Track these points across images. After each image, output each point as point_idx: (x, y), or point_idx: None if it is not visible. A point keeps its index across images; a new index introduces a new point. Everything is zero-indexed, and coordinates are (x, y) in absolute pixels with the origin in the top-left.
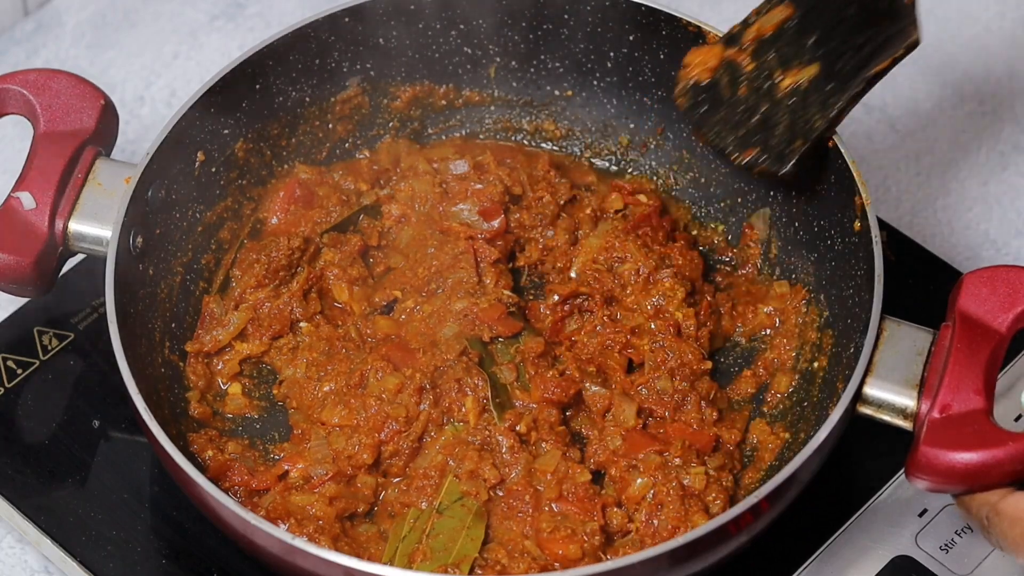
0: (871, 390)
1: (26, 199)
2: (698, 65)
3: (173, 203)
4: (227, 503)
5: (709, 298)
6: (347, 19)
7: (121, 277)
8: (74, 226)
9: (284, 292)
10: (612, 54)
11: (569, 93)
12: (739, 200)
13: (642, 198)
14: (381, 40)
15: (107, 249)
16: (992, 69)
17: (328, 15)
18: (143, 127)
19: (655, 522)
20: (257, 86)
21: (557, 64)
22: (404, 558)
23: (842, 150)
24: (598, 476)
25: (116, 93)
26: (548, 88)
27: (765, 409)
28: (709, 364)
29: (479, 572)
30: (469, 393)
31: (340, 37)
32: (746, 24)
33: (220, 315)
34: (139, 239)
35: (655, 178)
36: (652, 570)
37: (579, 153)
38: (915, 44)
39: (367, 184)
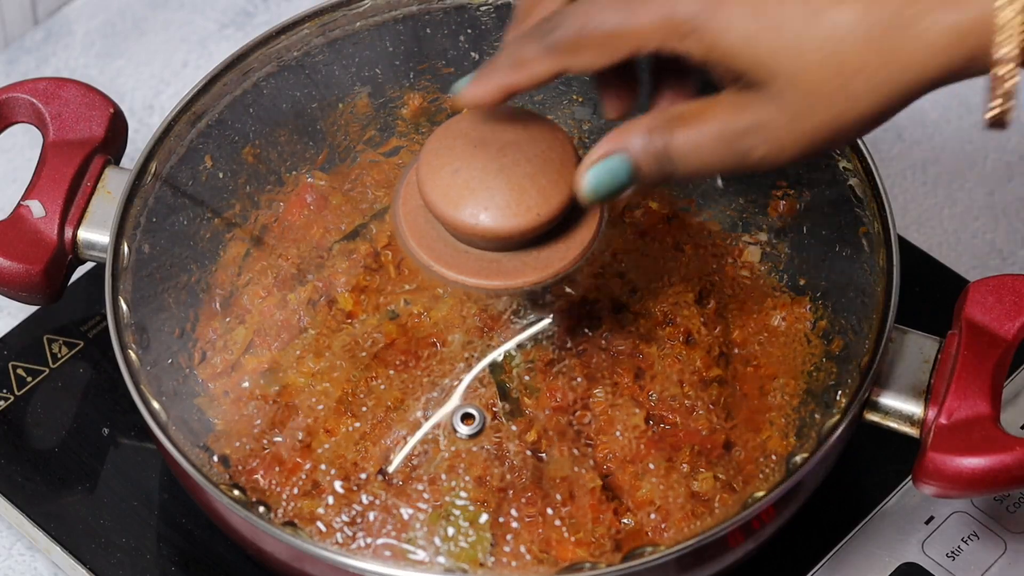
0: (878, 397)
1: (35, 207)
2: None
3: (180, 210)
4: (236, 509)
5: (716, 304)
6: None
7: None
8: (83, 234)
9: (291, 301)
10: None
11: (579, 99)
12: (745, 207)
13: (652, 204)
14: (389, 47)
15: None
16: None
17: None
18: (152, 136)
19: (663, 527)
20: (266, 91)
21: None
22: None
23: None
24: (606, 482)
25: (125, 102)
26: (556, 96)
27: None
28: (718, 371)
29: (481, 574)
30: (478, 401)
31: (348, 43)
32: None
33: (226, 332)
34: (146, 247)
35: (663, 186)
36: None
37: None
38: None
39: (378, 191)
